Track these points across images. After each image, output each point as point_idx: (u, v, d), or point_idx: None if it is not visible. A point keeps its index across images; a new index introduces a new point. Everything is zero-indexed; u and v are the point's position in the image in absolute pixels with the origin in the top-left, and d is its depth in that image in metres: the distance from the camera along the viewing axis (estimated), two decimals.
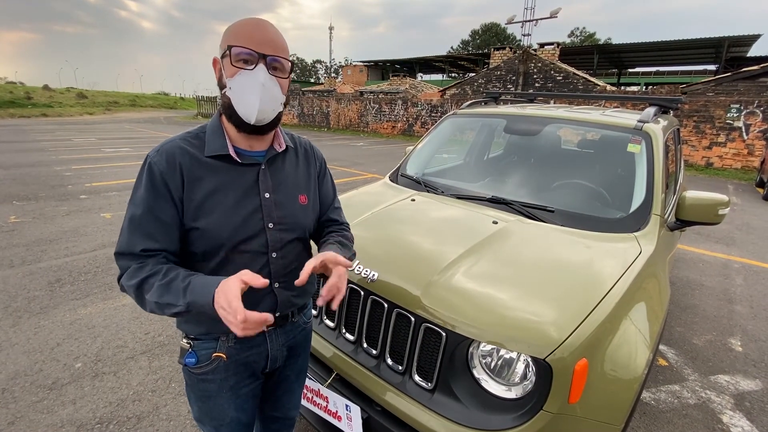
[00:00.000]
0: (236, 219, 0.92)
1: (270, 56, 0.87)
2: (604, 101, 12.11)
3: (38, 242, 4.05)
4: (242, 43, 0.85)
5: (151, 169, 0.88)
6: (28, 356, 2.31)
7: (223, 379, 1.01)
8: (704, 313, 3.16)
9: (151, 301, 0.82)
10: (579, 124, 2.30)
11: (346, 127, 22.47)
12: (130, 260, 0.87)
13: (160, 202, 0.88)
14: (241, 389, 1.05)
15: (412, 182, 2.32)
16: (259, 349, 1.04)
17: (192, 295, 0.80)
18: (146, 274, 0.84)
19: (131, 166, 8.57)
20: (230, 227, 0.92)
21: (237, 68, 0.86)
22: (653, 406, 2.12)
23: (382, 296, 1.34)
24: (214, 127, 0.96)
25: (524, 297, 1.25)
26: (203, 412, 1.05)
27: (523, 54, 16.25)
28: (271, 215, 0.97)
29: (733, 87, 11.47)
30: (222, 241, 0.91)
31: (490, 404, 1.16)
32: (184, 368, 1.01)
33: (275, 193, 0.99)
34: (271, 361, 1.08)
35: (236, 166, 0.94)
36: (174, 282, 0.82)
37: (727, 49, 22.89)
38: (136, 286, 0.83)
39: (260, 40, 0.86)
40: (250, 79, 0.86)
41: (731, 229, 5.49)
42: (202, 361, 0.98)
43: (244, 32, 0.86)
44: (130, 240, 0.87)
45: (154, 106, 41.64)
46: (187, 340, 0.98)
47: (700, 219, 1.93)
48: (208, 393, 1.02)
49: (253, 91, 0.86)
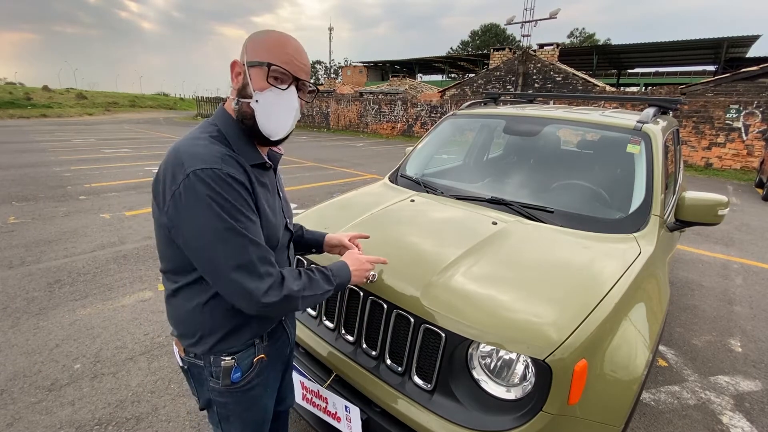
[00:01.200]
0: (278, 218, 1.02)
1: (302, 81, 0.92)
2: (604, 102, 12.12)
3: (37, 243, 4.04)
4: (283, 64, 0.87)
5: (235, 180, 0.83)
6: (27, 357, 2.30)
7: (266, 378, 1.06)
8: (704, 313, 3.16)
9: (314, 294, 0.94)
10: (578, 124, 2.30)
11: (345, 128, 22.47)
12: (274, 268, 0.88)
13: (251, 210, 0.87)
14: (275, 382, 1.13)
15: (412, 183, 2.32)
16: (283, 338, 1.12)
17: (338, 279, 1.03)
18: (301, 277, 0.94)
19: (131, 167, 8.57)
20: (276, 226, 1.00)
21: (270, 84, 0.87)
22: (653, 406, 2.12)
23: (382, 297, 1.34)
24: (239, 136, 0.92)
25: (524, 298, 1.25)
26: (248, 422, 1.04)
27: (522, 55, 16.26)
28: (285, 212, 1.09)
29: (733, 88, 11.48)
30: (274, 240, 0.98)
31: (490, 405, 1.16)
32: (226, 390, 0.97)
33: (281, 192, 1.11)
34: (291, 348, 1.18)
35: (265, 171, 1.00)
36: (320, 273, 1.00)
37: (726, 49, 22.94)
38: (302, 288, 0.92)
39: (299, 66, 0.90)
40: (284, 100, 0.89)
41: (730, 229, 5.49)
42: (246, 370, 0.98)
43: (286, 54, 0.88)
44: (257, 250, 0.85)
45: (153, 106, 41.64)
46: (230, 357, 0.95)
47: (700, 219, 1.93)
48: (255, 399, 1.03)
49: (286, 113, 0.91)
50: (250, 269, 0.83)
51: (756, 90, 11.10)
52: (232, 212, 0.81)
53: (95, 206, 5.47)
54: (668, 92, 12.97)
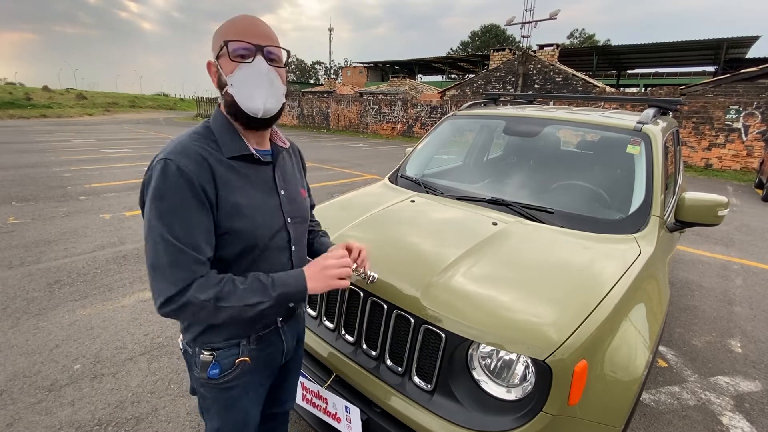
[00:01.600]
0: (266, 217, 0.95)
1: (266, 47, 0.87)
2: (604, 102, 12.13)
3: (37, 243, 4.04)
4: (238, 37, 0.85)
5: (181, 171, 0.81)
6: (27, 357, 2.30)
7: (247, 382, 1.01)
8: (704, 314, 3.16)
9: (236, 307, 0.83)
10: (578, 125, 2.31)
11: (345, 128, 22.48)
12: (187, 276, 0.81)
13: (198, 207, 0.83)
14: (260, 388, 1.07)
15: (412, 183, 2.32)
16: (276, 345, 1.06)
17: (282, 288, 0.88)
18: (220, 286, 0.83)
19: (130, 167, 8.57)
20: (263, 226, 0.94)
21: (236, 63, 0.85)
22: (653, 407, 2.12)
23: (382, 297, 1.34)
24: (224, 127, 0.92)
25: (524, 298, 1.25)
26: (225, 421, 1.02)
27: (522, 55, 16.27)
28: (288, 210, 1.01)
29: (732, 88, 11.49)
30: (257, 240, 0.93)
31: (490, 406, 1.16)
32: (204, 383, 0.98)
33: (287, 189, 1.03)
34: (285, 355, 1.11)
35: (255, 166, 0.95)
36: (255, 282, 0.87)
37: (725, 50, 22.96)
38: (214, 298, 0.81)
39: (255, 33, 0.86)
40: (253, 71, 0.86)
41: (730, 230, 5.49)
42: (225, 369, 0.96)
43: (238, 27, 0.86)
44: (176, 256, 0.80)
45: (153, 107, 41.67)
46: (209, 352, 0.95)
47: (700, 220, 1.93)
48: (233, 400, 1.01)
49: (257, 84, 0.86)
50: (159, 271, 0.81)
51: (755, 91, 11.11)
52: (161, 208, 0.80)
53: (95, 206, 5.47)
54: (668, 93, 12.98)
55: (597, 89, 14.93)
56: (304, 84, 47.57)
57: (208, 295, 0.81)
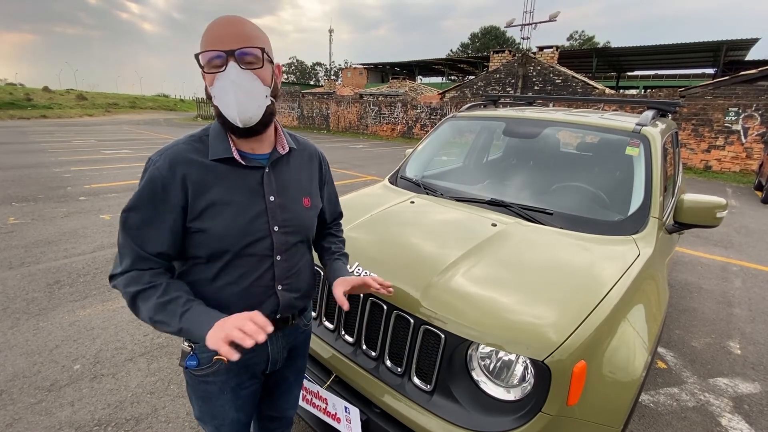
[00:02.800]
0: (242, 222, 0.92)
1: (237, 50, 0.83)
2: (603, 104, 12.13)
3: (37, 244, 4.04)
4: (207, 46, 0.83)
5: (152, 175, 0.87)
6: (27, 358, 2.30)
7: (224, 381, 1.01)
8: (703, 315, 3.16)
9: (145, 315, 0.86)
10: (578, 127, 2.31)
11: (345, 129, 22.50)
12: (129, 264, 0.88)
13: (158, 208, 0.87)
14: (241, 390, 1.05)
15: (412, 184, 2.33)
16: (260, 351, 1.04)
17: (188, 323, 0.84)
18: (143, 286, 0.86)
19: (130, 168, 8.57)
20: (236, 231, 0.92)
21: (213, 74, 0.84)
22: (652, 408, 2.12)
23: (382, 298, 1.35)
24: (216, 130, 0.94)
25: (523, 299, 1.25)
26: (204, 411, 1.06)
27: (522, 57, 16.30)
28: (276, 218, 0.97)
29: (732, 90, 11.51)
30: (228, 245, 0.91)
31: (489, 406, 1.16)
32: (185, 370, 1.00)
33: (280, 196, 0.99)
34: (271, 363, 1.08)
35: (241, 170, 0.94)
36: (172, 304, 0.85)
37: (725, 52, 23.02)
38: (132, 295, 0.86)
39: (223, 37, 0.82)
40: (224, 80, 0.84)
41: (730, 232, 5.50)
42: (203, 364, 0.97)
43: (209, 35, 0.84)
44: (127, 244, 0.88)
45: (153, 107, 41.69)
46: (188, 344, 0.97)
47: (699, 222, 1.93)
48: (209, 394, 1.02)
49: (227, 92, 0.84)
50: (118, 254, 0.90)
51: (755, 93, 11.13)
52: (134, 203, 0.88)
53: (95, 207, 5.47)
54: (667, 95, 13.00)
55: (596, 91, 14.96)
56: (304, 85, 47.65)
57: (129, 290, 0.86)
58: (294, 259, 1.03)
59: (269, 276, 0.98)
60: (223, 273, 0.94)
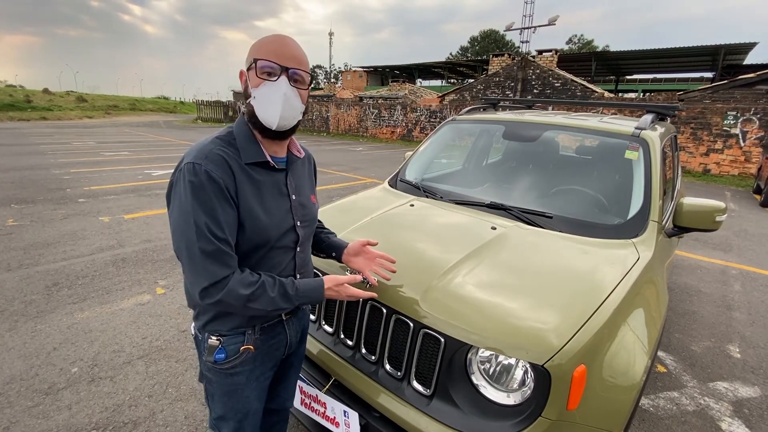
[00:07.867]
0: (278, 219, 1.04)
1: (292, 69, 0.96)
2: (602, 108, 12.18)
3: (36, 245, 4.03)
4: (268, 57, 0.94)
5: (209, 176, 0.91)
6: (24, 360, 2.29)
7: (250, 370, 1.08)
8: (702, 319, 3.16)
9: (261, 308, 0.96)
10: (577, 130, 2.32)
11: (345, 132, 22.53)
12: (223, 269, 0.92)
13: (225, 206, 0.93)
14: (264, 379, 1.14)
15: (411, 187, 2.33)
16: (280, 337, 1.14)
17: (302, 299, 1.03)
18: (255, 287, 0.95)
19: (130, 170, 8.57)
20: (274, 226, 1.03)
21: (261, 79, 0.95)
22: (652, 412, 2.12)
23: (381, 301, 1.34)
24: (245, 134, 1.01)
25: (523, 303, 1.25)
26: (228, 407, 1.09)
27: (521, 61, 16.36)
28: (298, 214, 1.11)
29: (730, 94, 11.56)
30: (268, 239, 1.02)
31: (489, 410, 1.15)
32: (211, 367, 1.05)
33: (298, 194, 1.12)
34: (288, 348, 1.19)
35: (270, 171, 1.04)
36: (282, 289, 0.99)
37: (723, 56, 23.13)
38: (247, 298, 0.93)
39: (284, 55, 0.95)
40: (274, 89, 0.95)
41: (729, 235, 5.50)
42: (231, 355, 1.04)
43: (270, 47, 0.95)
44: (218, 249, 0.91)
45: (153, 110, 41.75)
46: (216, 337, 1.03)
47: (698, 225, 1.93)
48: (236, 386, 1.08)
49: (276, 101, 0.95)
50: (196, 261, 0.90)
51: (753, 97, 11.17)
52: (194, 205, 0.89)
53: (94, 209, 5.46)
54: (666, 99, 13.04)
55: (596, 95, 15.01)
56: None
57: (244, 292, 0.93)
58: (307, 251, 1.19)
59: (291, 266, 1.11)
60: (259, 264, 1.03)
